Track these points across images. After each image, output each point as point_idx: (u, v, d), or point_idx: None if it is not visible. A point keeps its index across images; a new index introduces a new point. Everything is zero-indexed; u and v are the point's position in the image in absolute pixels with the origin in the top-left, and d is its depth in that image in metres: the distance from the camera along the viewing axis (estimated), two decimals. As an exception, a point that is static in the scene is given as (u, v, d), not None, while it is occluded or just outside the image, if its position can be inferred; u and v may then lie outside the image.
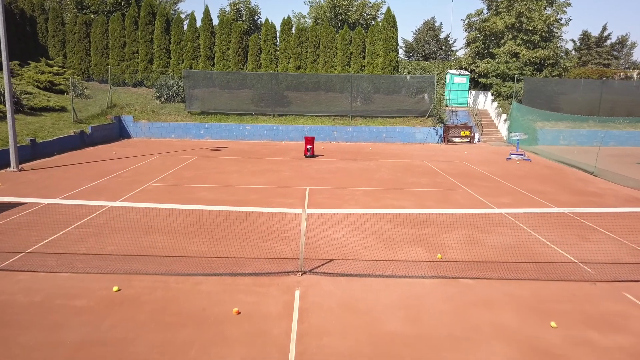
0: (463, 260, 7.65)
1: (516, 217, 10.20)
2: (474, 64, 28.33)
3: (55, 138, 18.61)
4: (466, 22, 30.01)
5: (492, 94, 27.75)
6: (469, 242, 8.53)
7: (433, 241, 8.53)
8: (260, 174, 14.94)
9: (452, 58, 36.87)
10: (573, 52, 38.66)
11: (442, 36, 38.34)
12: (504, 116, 26.13)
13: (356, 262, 7.43)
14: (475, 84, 29.97)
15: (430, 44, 37.71)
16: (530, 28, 26.56)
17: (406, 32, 61.60)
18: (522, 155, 19.37)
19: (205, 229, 8.87)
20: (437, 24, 38.37)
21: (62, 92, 24.93)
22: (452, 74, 29.16)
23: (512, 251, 8.07)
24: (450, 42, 38.39)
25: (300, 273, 6.81)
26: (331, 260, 7.48)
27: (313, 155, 18.85)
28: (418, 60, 35.55)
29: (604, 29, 37.93)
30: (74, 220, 9.29)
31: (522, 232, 9.22)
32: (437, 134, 24.88)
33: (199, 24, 28.57)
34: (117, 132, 24.01)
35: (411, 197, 12.00)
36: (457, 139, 25.00)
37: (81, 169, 14.95)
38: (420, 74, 31.25)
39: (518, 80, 26.42)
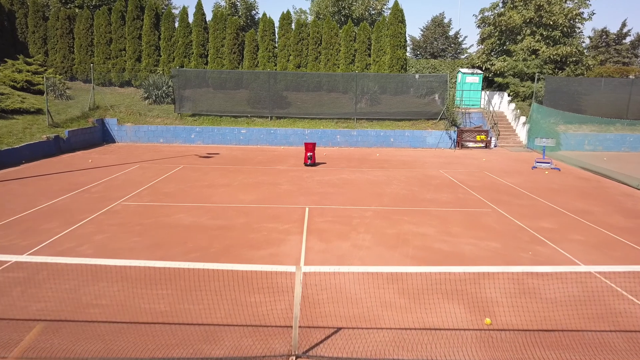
0: (521, 327, 5.51)
1: (571, 251, 8.07)
2: (488, 62, 26.16)
3: (24, 144, 16.51)
4: (479, 17, 27.83)
5: (509, 95, 25.58)
6: (521, 293, 6.40)
7: (473, 292, 6.40)
8: (253, 188, 12.82)
9: (464, 56, 34.71)
10: (585, 52, 36.45)
11: (451, 33, 36.17)
12: (522, 119, 23.96)
13: (374, 332, 5.31)
14: (489, 84, 27.81)
15: (439, 42, 35.54)
16: (551, 22, 24.40)
17: (413, 29, 59.37)
18: (549, 163, 17.23)
19: (171, 273, 6.75)
20: (446, 21, 36.21)
21: (41, 92, 22.85)
22: (464, 73, 27.01)
23: (583, 310, 5.93)
24: (460, 40, 36.22)
25: (294, 358, 4.69)
26: (338, 329, 5.36)
27: (314, 164, 16.75)
28: (426, 58, 33.38)
29: (624, 25, 35.72)
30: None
31: (585, 275, 7.09)
32: (450, 139, 22.74)
33: (191, 19, 26.51)
34: (100, 137, 21.95)
35: (433, 221, 9.87)
36: (471, 144, 22.87)
37: (46, 182, 12.86)
38: (429, 72, 29.12)
39: (538, 80, 24.24)
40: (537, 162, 17.37)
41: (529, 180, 14.65)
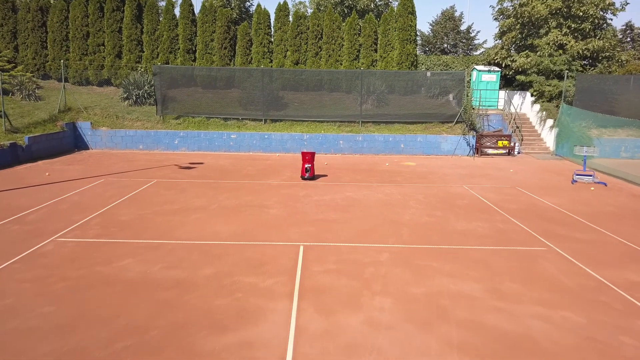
0: None
1: (695, 333, 5.37)
2: (509, 58, 23.44)
3: (-33, 154, 13.93)
4: (497, 8, 25.12)
5: (532, 95, 22.85)
6: None
7: None
8: (235, 213, 10.15)
9: (478, 51, 32.00)
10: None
11: (462, 27, 33.45)
12: (549, 122, 21.23)
13: None
14: (506, 82, 25.12)
15: (450, 37, 32.82)
16: (581, 13, 21.66)
17: (422, 23, 56.36)
18: (591, 176, 14.51)
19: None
20: (457, 14, 33.48)
21: (6, 92, 20.24)
22: (480, 71, 24.31)
23: None
24: (472, 35, 33.50)
25: None
26: None
27: (313, 177, 14.08)
28: (436, 55, 30.67)
29: (650, 19, 33.01)
30: None
31: None
32: (468, 145, 20.03)
33: (177, 10, 23.89)
34: (71, 143, 19.31)
35: (473, 269, 7.18)
36: (491, 151, 20.15)
37: (-26, 206, 10.23)
38: (441, 70, 26.44)
39: (567, 78, 21.48)
40: (577, 175, 14.65)
41: (577, 201, 11.94)
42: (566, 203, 11.61)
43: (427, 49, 33.33)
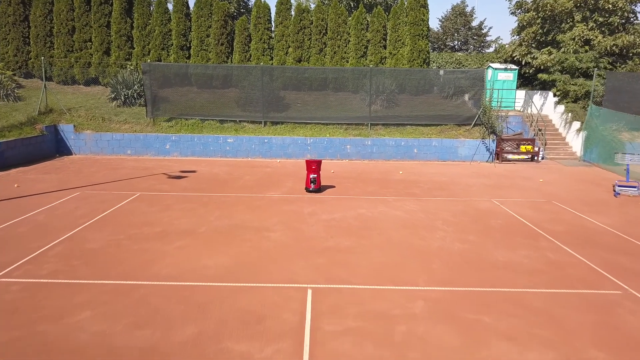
0: None
1: None
2: (529, 55, 21.66)
3: None
4: (514, 2, 23.33)
5: (555, 95, 21.07)
6: None
7: None
8: (228, 238, 8.42)
9: (491, 48, 30.23)
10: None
11: (474, 23, 31.68)
12: (575, 124, 19.46)
13: None
14: (524, 81, 23.36)
15: (461, 33, 31.05)
16: (609, 6, 19.88)
17: (431, 19, 54.24)
18: (636, 187, 12.76)
19: None
20: (468, 10, 31.71)
21: (-18, 92, 18.61)
22: (495, 69, 22.54)
23: None
24: (484, 31, 31.73)
25: None
26: None
27: (319, 189, 12.33)
28: (447, 52, 28.93)
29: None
30: None
31: None
32: (487, 150, 18.28)
33: (170, 4, 22.16)
34: (52, 147, 17.59)
35: (540, 327, 5.44)
36: (512, 156, 18.39)
37: None
38: (453, 68, 24.71)
39: (595, 76, 19.68)
40: (620, 186, 12.90)
41: (630, 220, 10.18)
42: (619, 223, 9.87)
43: (436, 46, 31.57)
